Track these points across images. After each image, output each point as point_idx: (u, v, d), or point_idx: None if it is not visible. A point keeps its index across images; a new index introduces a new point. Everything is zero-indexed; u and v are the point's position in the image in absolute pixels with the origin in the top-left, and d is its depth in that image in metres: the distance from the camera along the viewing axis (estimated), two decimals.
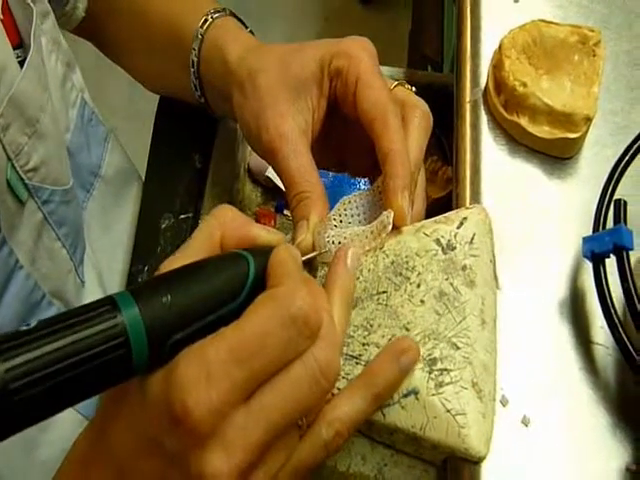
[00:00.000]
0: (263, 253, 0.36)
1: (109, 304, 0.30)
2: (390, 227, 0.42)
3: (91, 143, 0.63)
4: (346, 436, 0.36)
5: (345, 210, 0.45)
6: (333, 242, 0.42)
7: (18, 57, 0.49)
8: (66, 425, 0.55)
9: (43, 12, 0.56)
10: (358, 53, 0.46)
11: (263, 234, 0.38)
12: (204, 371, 0.30)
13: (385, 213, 0.42)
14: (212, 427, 0.30)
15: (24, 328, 0.29)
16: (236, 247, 0.37)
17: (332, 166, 0.53)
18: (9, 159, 0.47)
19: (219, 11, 0.56)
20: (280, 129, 0.45)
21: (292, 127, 0.45)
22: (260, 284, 0.35)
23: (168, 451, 0.32)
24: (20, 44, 0.50)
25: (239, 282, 0.34)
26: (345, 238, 0.42)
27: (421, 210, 0.47)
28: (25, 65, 0.48)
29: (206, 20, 0.55)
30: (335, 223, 0.44)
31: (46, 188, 0.51)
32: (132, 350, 0.30)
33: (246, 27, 0.57)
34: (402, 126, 0.45)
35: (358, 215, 0.45)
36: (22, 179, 0.49)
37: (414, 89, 0.49)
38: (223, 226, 0.37)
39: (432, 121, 0.48)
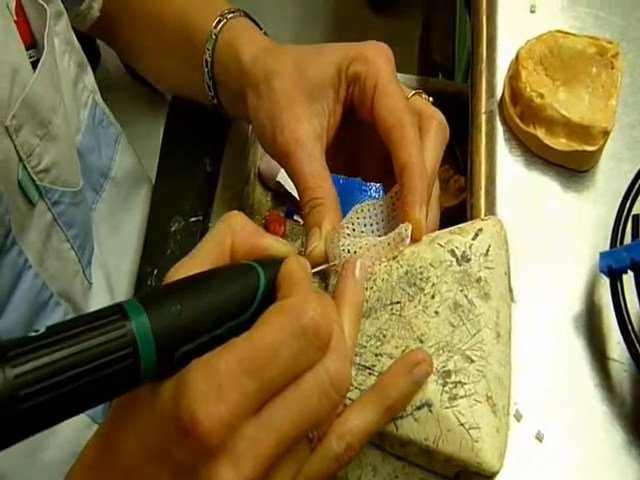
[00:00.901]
0: (273, 264, 0.36)
1: (118, 312, 0.30)
2: (408, 240, 0.42)
3: (101, 144, 0.63)
4: (357, 449, 0.36)
5: (358, 219, 0.45)
6: (348, 251, 0.42)
7: (31, 57, 0.49)
8: (71, 428, 0.54)
9: (57, 13, 0.56)
10: (376, 59, 0.45)
11: (274, 244, 0.37)
12: (214, 382, 0.30)
13: (403, 226, 0.42)
14: (222, 439, 0.30)
15: (33, 334, 0.29)
16: (246, 256, 0.36)
17: (345, 171, 0.52)
18: (21, 160, 0.47)
19: (233, 11, 0.56)
20: (296, 133, 0.45)
21: (308, 131, 0.45)
22: (270, 296, 0.35)
23: (177, 461, 0.31)
24: (33, 44, 0.50)
25: (249, 294, 0.34)
26: (360, 248, 0.42)
27: (435, 221, 0.47)
28: (39, 66, 0.48)
29: (220, 20, 0.55)
30: (348, 231, 0.44)
31: (56, 189, 0.51)
32: (140, 360, 0.30)
33: (260, 28, 0.57)
34: (419, 137, 0.44)
35: (371, 225, 0.45)
36: (33, 180, 0.48)
37: (431, 99, 0.49)
38: (234, 234, 0.37)
39: (448, 132, 0.47)
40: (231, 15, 0.55)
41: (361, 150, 0.50)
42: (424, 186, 0.42)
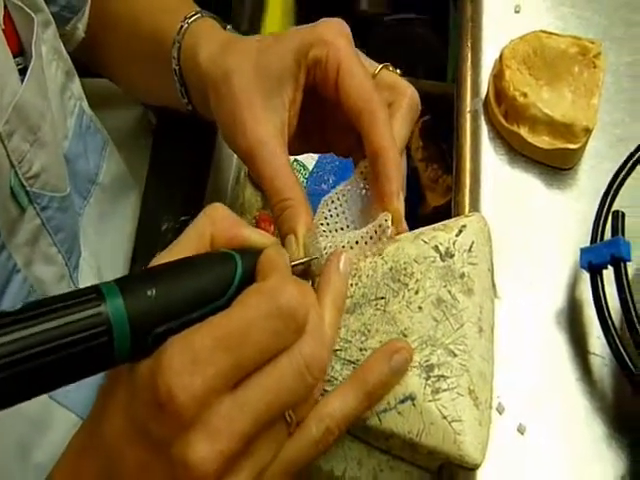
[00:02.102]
0: (252, 254, 0.36)
1: (94, 292, 0.31)
2: (390, 230, 0.42)
3: (88, 151, 0.64)
4: (336, 434, 0.37)
5: (330, 211, 0.44)
6: (326, 250, 0.42)
7: (18, 65, 0.50)
8: (62, 427, 0.55)
9: (44, 21, 0.56)
10: (335, 40, 0.44)
11: (253, 235, 0.38)
12: (190, 357, 0.31)
13: (382, 216, 0.42)
14: (196, 413, 0.30)
15: (9, 310, 0.30)
16: (226, 246, 0.37)
17: (316, 148, 0.52)
18: (12, 166, 0.47)
19: (194, 14, 0.55)
20: (256, 133, 0.44)
21: (268, 130, 0.44)
22: (248, 284, 0.35)
23: (153, 439, 0.32)
24: (20, 52, 0.51)
25: (226, 280, 0.35)
26: (343, 247, 0.42)
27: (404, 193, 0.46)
28: (27, 74, 0.49)
29: (182, 26, 0.55)
30: (323, 228, 0.44)
31: (45, 195, 0.52)
32: (114, 338, 0.31)
33: (224, 26, 0.57)
34: (389, 115, 0.44)
35: (343, 212, 0.45)
36: (24, 186, 0.49)
37: (399, 71, 0.48)
38: (214, 225, 0.37)
39: (420, 105, 0.47)
40: (192, 19, 0.55)
41: (328, 126, 0.49)
42: (400, 173, 0.42)
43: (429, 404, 0.39)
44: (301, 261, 0.41)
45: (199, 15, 0.56)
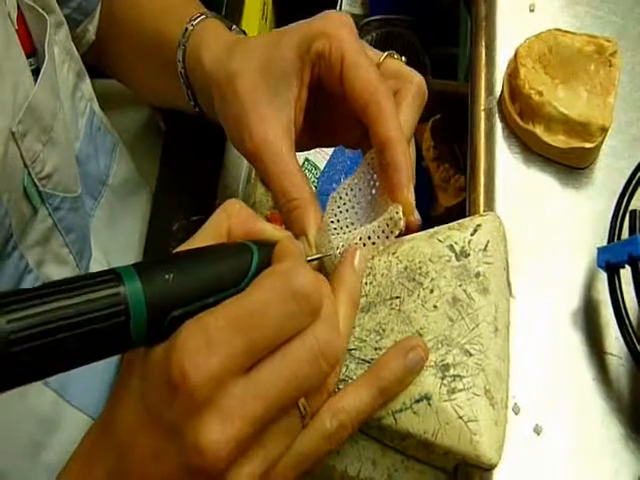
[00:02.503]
0: (268, 246, 0.37)
1: (113, 274, 0.31)
2: (402, 222, 0.41)
3: (99, 152, 0.64)
4: (350, 429, 0.36)
5: (339, 207, 0.44)
6: (339, 249, 0.42)
7: (31, 65, 0.50)
8: (72, 427, 0.55)
9: (57, 23, 0.56)
10: (338, 31, 0.44)
11: (269, 228, 0.38)
12: (204, 338, 0.31)
13: (393, 209, 0.41)
14: (209, 394, 0.30)
15: (28, 288, 0.30)
16: (242, 239, 0.37)
17: (325, 142, 0.52)
18: (25, 166, 0.48)
19: (199, 16, 0.55)
20: (262, 134, 0.44)
21: (274, 130, 0.44)
22: None
23: (166, 424, 0.32)
24: (33, 53, 0.51)
25: (243, 269, 0.35)
26: (356, 243, 0.42)
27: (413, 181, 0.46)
28: (40, 74, 0.49)
29: (186, 29, 0.54)
30: (334, 225, 0.43)
31: (57, 195, 0.52)
32: (131, 319, 0.31)
33: (230, 26, 0.56)
34: (395, 104, 0.43)
35: (353, 207, 0.44)
36: (36, 186, 0.49)
37: (404, 59, 0.47)
38: (230, 219, 0.37)
39: (427, 93, 0.46)
40: (197, 21, 0.55)
41: (336, 119, 0.49)
42: (408, 163, 0.41)
43: (445, 404, 0.39)
44: (315, 257, 0.41)
45: (203, 17, 0.55)
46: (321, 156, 0.76)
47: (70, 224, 0.55)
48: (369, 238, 0.42)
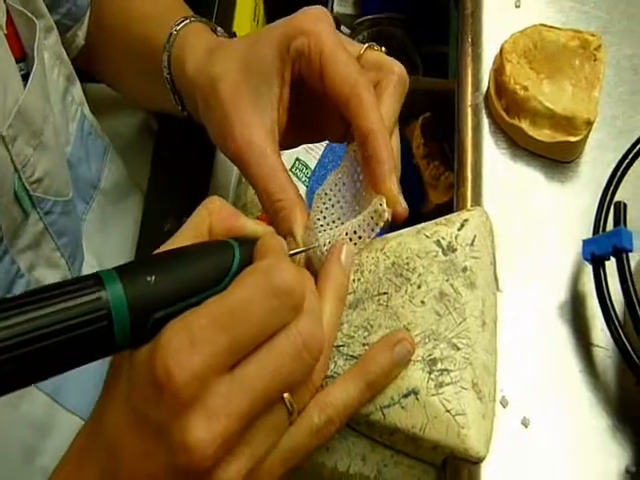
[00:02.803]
0: (250, 243, 0.37)
1: (94, 279, 0.31)
2: (387, 214, 0.41)
3: (90, 156, 0.64)
4: (338, 424, 0.36)
5: (324, 204, 0.44)
6: (326, 246, 0.42)
7: (21, 70, 0.50)
8: (66, 431, 0.55)
9: (47, 27, 0.57)
10: (315, 27, 0.43)
11: (250, 224, 0.38)
12: (187, 337, 0.31)
13: (376, 201, 0.41)
14: (195, 393, 0.31)
15: (10, 296, 0.30)
16: (224, 237, 0.37)
17: (311, 138, 0.51)
18: (16, 170, 0.48)
19: (182, 21, 0.55)
20: (246, 137, 0.44)
21: (257, 132, 0.44)
22: None
23: (152, 424, 0.32)
24: (23, 58, 0.51)
25: (224, 267, 0.35)
26: (342, 238, 0.42)
27: (398, 171, 0.45)
28: (30, 78, 0.49)
29: (171, 34, 0.54)
30: (320, 222, 0.43)
31: (48, 199, 0.52)
32: (114, 324, 0.31)
33: (215, 28, 0.56)
34: (376, 96, 0.43)
35: (338, 202, 0.44)
36: (27, 190, 0.49)
37: (384, 49, 0.47)
38: (212, 216, 0.37)
39: (408, 82, 0.46)
40: (181, 25, 0.55)
41: (320, 114, 0.48)
42: (390, 154, 0.41)
43: (432, 398, 0.39)
44: (297, 250, 0.41)
45: (187, 21, 0.55)
46: (312, 155, 0.76)
47: (62, 228, 0.55)
48: (355, 233, 0.42)
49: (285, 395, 0.34)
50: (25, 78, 0.50)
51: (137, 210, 0.72)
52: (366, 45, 0.46)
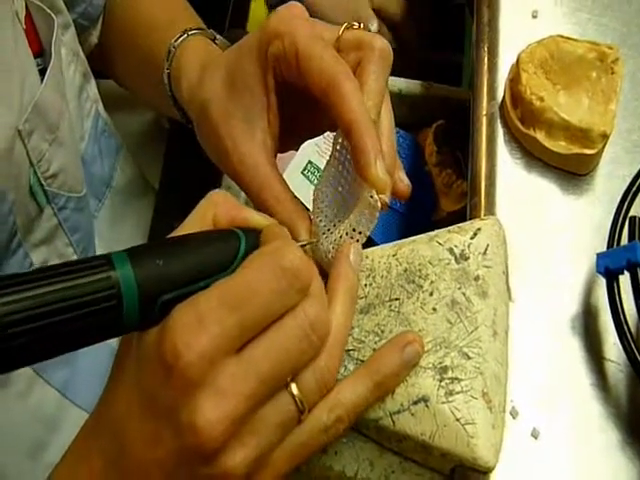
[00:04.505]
0: (255, 232, 0.37)
1: (104, 259, 0.32)
2: (379, 204, 0.40)
3: (104, 154, 0.64)
4: (347, 423, 0.37)
5: (322, 202, 0.44)
6: (333, 248, 0.41)
7: (38, 65, 0.50)
8: (75, 427, 0.54)
9: (64, 24, 0.57)
10: (287, 27, 0.43)
11: (254, 215, 0.38)
12: (196, 318, 0.31)
13: (366, 194, 0.40)
14: (203, 373, 0.31)
15: (22, 272, 0.31)
16: (228, 226, 0.38)
17: (309, 134, 0.51)
18: (32, 165, 0.48)
19: (181, 36, 0.55)
20: (238, 157, 0.44)
21: (249, 149, 0.44)
22: None
23: (161, 406, 0.32)
24: (40, 53, 0.52)
25: (231, 253, 0.35)
26: (341, 237, 0.41)
27: (392, 147, 0.45)
28: (47, 73, 0.49)
29: (170, 51, 0.55)
30: (324, 223, 0.43)
31: (62, 195, 0.52)
32: (123, 303, 0.31)
33: (214, 37, 0.56)
34: (358, 78, 0.42)
35: (335, 196, 0.44)
36: (42, 185, 0.49)
37: (362, 25, 0.45)
38: (216, 207, 0.38)
39: (392, 54, 0.44)
40: (179, 41, 0.55)
41: (314, 110, 0.47)
42: (374, 143, 0.40)
43: (442, 406, 0.39)
44: (302, 243, 0.41)
45: (185, 35, 0.55)
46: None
47: (75, 224, 0.55)
48: (354, 230, 0.41)
49: (295, 392, 0.34)
50: (42, 73, 0.50)
51: (149, 208, 0.72)
52: (344, 25, 0.45)
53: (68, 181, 0.53)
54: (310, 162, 0.75)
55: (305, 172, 0.75)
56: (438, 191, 0.72)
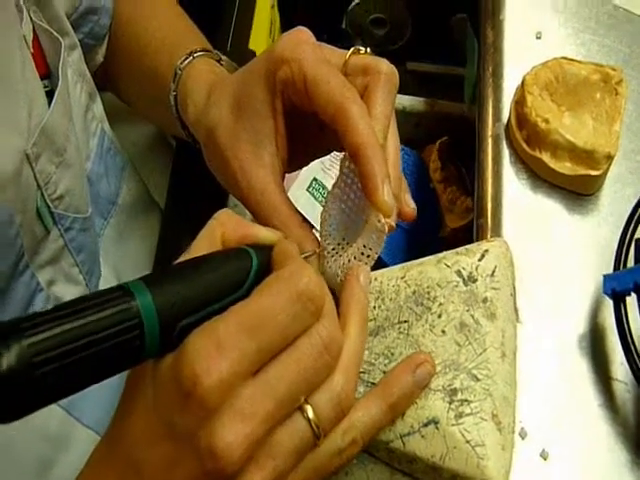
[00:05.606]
0: (265, 248, 0.38)
1: (123, 290, 0.32)
2: (386, 227, 0.40)
3: (109, 172, 0.65)
4: (361, 445, 0.37)
5: (330, 225, 0.44)
6: (342, 272, 0.42)
7: (45, 87, 0.51)
8: (81, 445, 0.55)
9: (71, 45, 0.57)
10: (294, 53, 0.43)
11: (263, 231, 0.39)
12: (214, 343, 0.31)
13: (373, 219, 0.40)
14: (221, 398, 0.31)
15: (43, 310, 0.31)
16: (237, 245, 0.38)
17: (318, 154, 0.51)
18: (39, 187, 0.48)
19: (186, 58, 0.55)
20: (246, 181, 0.44)
21: (256, 173, 0.44)
22: (264, 277, 0.36)
23: (179, 432, 0.32)
24: (47, 75, 0.52)
25: (244, 272, 0.36)
26: (350, 261, 0.41)
27: (398, 170, 0.45)
28: (54, 97, 0.50)
29: (176, 73, 0.55)
30: (332, 246, 0.43)
31: (68, 216, 0.53)
32: (145, 332, 0.32)
33: (219, 58, 0.56)
34: (365, 102, 0.42)
35: (342, 219, 0.44)
36: (49, 207, 0.50)
37: (369, 50, 0.46)
38: (223, 226, 0.38)
39: (398, 78, 0.45)
40: (184, 64, 0.55)
41: (321, 132, 0.48)
42: (381, 167, 0.40)
43: (452, 428, 0.39)
44: (307, 254, 0.42)
45: (190, 58, 0.55)
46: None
47: (80, 244, 0.55)
48: (362, 254, 0.41)
49: (312, 417, 0.34)
50: (49, 95, 0.50)
51: (155, 225, 0.73)
52: (351, 50, 0.45)
53: (74, 202, 0.53)
54: (315, 179, 0.76)
55: (310, 189, 0.76)
56: (443, 208, 0.73)
